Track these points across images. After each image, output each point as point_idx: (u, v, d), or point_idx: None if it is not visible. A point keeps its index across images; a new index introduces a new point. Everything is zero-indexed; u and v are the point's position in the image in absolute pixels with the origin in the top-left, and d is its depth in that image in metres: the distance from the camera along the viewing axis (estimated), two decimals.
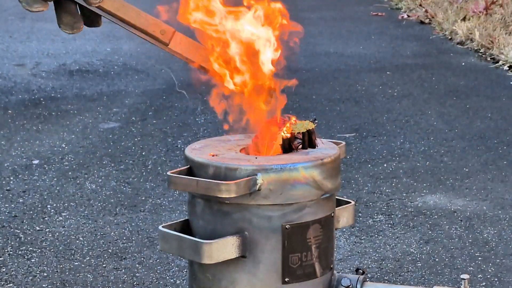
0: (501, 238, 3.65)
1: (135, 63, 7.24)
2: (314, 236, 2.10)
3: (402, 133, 5.22)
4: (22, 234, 3.69)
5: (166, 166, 4.58)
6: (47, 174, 4.46)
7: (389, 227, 3.76)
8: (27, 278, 3.28)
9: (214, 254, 2.02)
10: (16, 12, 10.13)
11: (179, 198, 4.08)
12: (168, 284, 3.23)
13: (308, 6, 10.69)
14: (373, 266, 3.38)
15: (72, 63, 7.25)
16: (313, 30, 8.93)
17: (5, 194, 4.17)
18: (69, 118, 5.56)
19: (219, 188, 2.00)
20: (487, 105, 5.86)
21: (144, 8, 2.14)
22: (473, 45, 7.82)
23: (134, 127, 5.35)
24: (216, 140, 2.30)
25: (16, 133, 5.22)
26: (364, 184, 4.32)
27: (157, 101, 6.00)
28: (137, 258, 3.44)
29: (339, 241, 3.58)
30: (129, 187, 4.27)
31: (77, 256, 3.46)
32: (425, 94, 6.17)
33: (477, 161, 4.68)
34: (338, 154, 2.18)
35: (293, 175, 2.04)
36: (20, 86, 6.44)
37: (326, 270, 2.15)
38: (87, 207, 4.01)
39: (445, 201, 4.09)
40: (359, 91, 6.29)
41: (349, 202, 2.32)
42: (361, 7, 10.64)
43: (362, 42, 8.26)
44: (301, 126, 2.18)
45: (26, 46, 8.01)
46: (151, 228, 3.74)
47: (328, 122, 5.46)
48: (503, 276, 3.30)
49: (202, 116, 5.60)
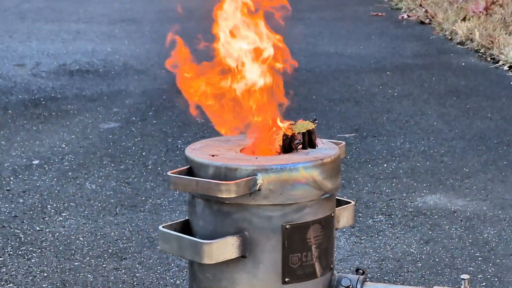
0: (501, 238, 3.65)
1: (135, 63, 7.24)
2: (314, 236, 2.10)
3: (402, 133, 5.22)
4: (22, 234, 3.69)
5: (166, 166, 4.58)
6: (47, 174, 4.46)
7: (389, 227, 3.76)
8: (27, 278, 3.28)
9: (214, 254, 2.03)
10: (16, 12, 10.13)
11: (179, 198, 4.08)
12: (168, 284, 3.23)
13: (308, 6, 10.68)
14: (373, 266, 3.38)
15: (72, 63, 7.25)
16: (313, 30, 8.93)
17: (5, 194, 4.17)
18: (69, 118, 5.56)
19: (219, 188, 2.00)
20: (487, 105, 5.86)
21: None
22: (473, 45, 7.82)
23: (134, 127, 5.35)
24: (216, 140, 2.30)
25: (16, 133, 5.22)
26: (364, 184, 4.32)
27: (157, 101, 6.00)
28: (137, 258, 3.44)
29: (339, 241, 3.58)
30: (129, 187, 4.26)
31: (77, 256, 3.46)
32: (425, 94, 6.17)
33: (477, 161, 4.68)
34: (338, 154, 2.18)
35: (293, 175, 2.04)
36: (20, 86, 6.44)
37: (326, 270, 2.16)
38: (87, 207, 4.00)
39: (445, 201, 4.09)
40: (359, 91, 6.28)
41: (349, 202, 2.32)
42: (361, 7, 10.64)
43: (362, 42, 8.26)
44: (301, 126, 2.18)
45: (26, 46, 8.01)
46: (151, 228, 3.74)
47: (328, 122, 5.46)
48: (503, 276, 3.30)
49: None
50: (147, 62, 7.32)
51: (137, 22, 9.53)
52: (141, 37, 8.59)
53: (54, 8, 10.48)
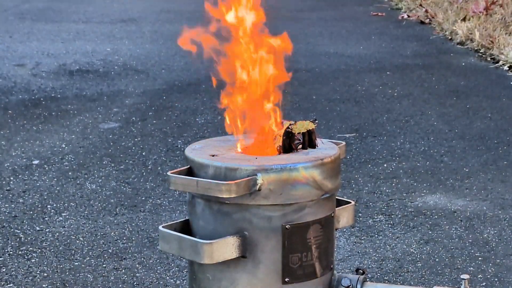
0: (501, 238, 3.65)
1: (135, 63, 7.24)
2: (314, 236, 2.10)
3: (402, 133, 5.22)
4: (22, 234, 3.69)
5: (166, 166, 4.58)
6: (47, 174, 4.46)
7: (389, 227, 3.76)
8: (27, 278, 3.28)
9: (214, 254, 2.02)
10: (16, 12, 10.13)
11: (179, 198, 4.08)
12: (168, 284, 3.23)
13: (308, 6, 10.69)
14: (373, 266, 3.38)
15: (72, 63, 7.25)
16: (313, 31, 8.93)
17: (5, 194, 4.17)
18: (69, 118, 5.56)
19: (219, 188, 2.00)
20: (487, 105, 5.86)
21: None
22: (473, 45, 7.82)
23: (134, 127, 5.35)
24: (216, 140, 2.30)
25: (16, 133, 5.22)
26: (364, 184, 4.32)
27: (157, 101, 6.00)
28: (137, 258, 3.44)
29: (339, 241, 3.58)
30: (129, 187, 4.27)
31: (77, 256, 3.46)
32: (425, 94, 6.17)
33: (477, 161, 4.68)
34: (338, 154, 2.18)
35: (293, 175, 2.04)
36: (20, 86, 6.44)
37: (326, 270, 2.15)
38: (87, 207, 4.01)
39: (445, 201, 4.09)
40: (359, 91, 6.28)
41: (349, 202, 2.32)
42: (361, 8, 10.64)
43: (362, 42, 8.26)
44: (301, 126, 2.18)
45: (26, 46, 8.01)
46: (151, 228, 3.74)
47: (328, 122, 5.46)
48: (503, 276, 3.30)
49: (202, 116, 5.60)
50: (147, 62, 7.32)
51: (137, 22, 9.53)
52: (141, 37, 8.59)
53: (54, 8, 10.48)
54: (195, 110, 5.74)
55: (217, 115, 5.62)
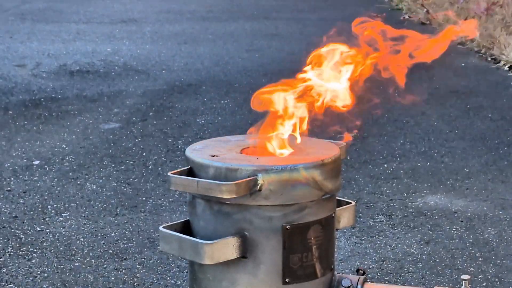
0: (501, 239, 3.65)
1: (136, 64, 7.24)
2: (315, 237, 2.10)
3: (403, 133, 5.22)
4: (22, 235, 3.69)
5: (166, 166, 4.58)
6: (48, 174, 4.46)
7: (390, 228, 3.76)
8: (27, 278, 3.28)
9: (215, 254, 2.02)
10: (16, 12, 10.13)
11: (179, 199, 4.08)
12: (168, 285, 3.23)
13: (309, 7, 10.69)
14: (374, 266, 3.38)
15: (73, 63, 7.25)
16: (313, 31, 8.93)
17: (6, 195, 4.17)
18: (70, 118, 5.56)
19: (219, 189, 2.00)
20: (488, 106, 5.86)
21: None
22: (474, 45, 7.82)
23: (134, 127, 5.35)
24: (217, 140, 2.30)
25: (16, 134, 5.22)
26: (364, 184, 4.32)
27: (158, 101, 6.00)
28: (137, 259, 3.44)
29: (339, 242, 3.58)
30: (129, 188, 4.26)
31: (78, 257, 3.46)
32: (425, 94, 6.17)
33: (477, 161, 4.68)
34: (339, 155, 2.18)
35: (293, 175, 2.04)
36: (21, 86, 6.44)
37: (327, 271, 2.15)
38: (87, 207, 4.00)
39: (445, 201, 4.08)
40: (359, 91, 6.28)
41: (349, 203, 2.32)
42: (362, 8, 10.64)
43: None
44: None
45: (26, 46, 8.01)
46: (151, 229, 3.74)
47: (328, 122, 5.45)
48: (504, 276, 3.30)
49: (202, 116, 5.60)
50: (148, 62, 7.32)
51: (138, 23, 9.53)
52: (142, 37, 8.59)
53: (54, 8, 10.48)
54: (195, 111, 5.74)
55: (217, 115, 5.62)
